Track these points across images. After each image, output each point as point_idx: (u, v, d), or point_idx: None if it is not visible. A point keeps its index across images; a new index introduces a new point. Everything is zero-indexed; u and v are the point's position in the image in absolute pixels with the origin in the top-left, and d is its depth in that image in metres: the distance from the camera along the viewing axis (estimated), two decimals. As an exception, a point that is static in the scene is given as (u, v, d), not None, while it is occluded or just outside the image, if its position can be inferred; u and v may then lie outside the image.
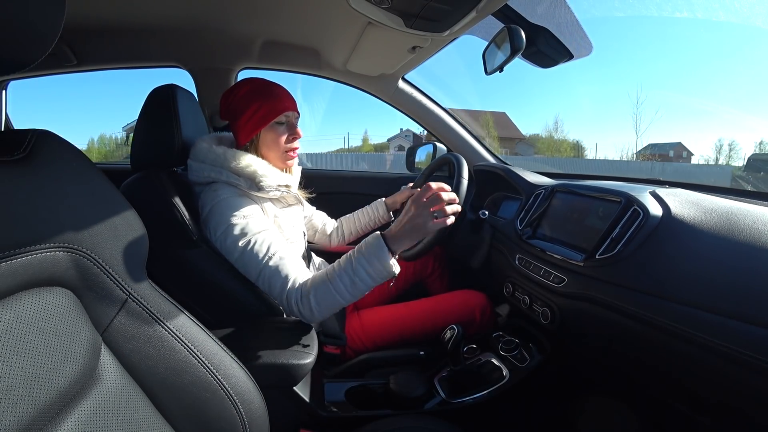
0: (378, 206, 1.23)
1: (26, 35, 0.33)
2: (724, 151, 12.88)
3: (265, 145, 0.88)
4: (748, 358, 0.47)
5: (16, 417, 0.30)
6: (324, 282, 0.73)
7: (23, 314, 0.33)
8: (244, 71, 1.42)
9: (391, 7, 0.85)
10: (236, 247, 0.77)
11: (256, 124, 0.85)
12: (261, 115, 0.84)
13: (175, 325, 0.47)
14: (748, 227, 0.56)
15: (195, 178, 0.84)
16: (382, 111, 30.11)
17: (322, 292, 0.73)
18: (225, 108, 0.88)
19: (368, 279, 0.72)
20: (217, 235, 0.78)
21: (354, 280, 0.72)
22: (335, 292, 0.72)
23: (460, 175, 1.01)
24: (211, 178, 0.82)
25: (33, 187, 0.36)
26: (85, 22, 1.11)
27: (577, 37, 0.98)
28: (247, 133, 0.86)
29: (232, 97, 0.86)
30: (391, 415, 0.71)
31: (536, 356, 0.91)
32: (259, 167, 0.82)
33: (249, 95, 0.85)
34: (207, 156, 0.82)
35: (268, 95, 0.85)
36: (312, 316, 0.74)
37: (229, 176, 0.81)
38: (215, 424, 0.48)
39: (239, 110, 0.85)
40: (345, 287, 0.72)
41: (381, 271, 0.72)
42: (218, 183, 0.82)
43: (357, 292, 0.73)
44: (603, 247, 0.70)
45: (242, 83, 0.87)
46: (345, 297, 0.73)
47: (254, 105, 0.84)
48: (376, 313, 1.07)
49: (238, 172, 0.81)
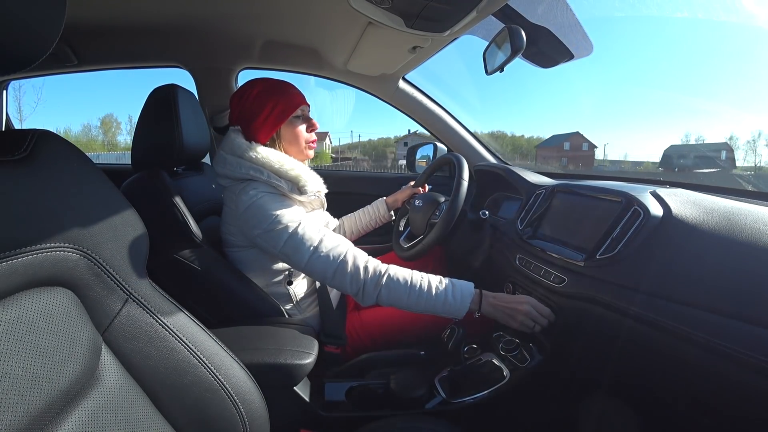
0: (379, 205, 1.23)
1: (27, 35, 0.33)
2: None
3: (287, 140, 0.89)
4: (748, 358, 0.47)
5: (16, 416, 0.30)
6: (404, 281, 0.79)
7: (24, 314, 0.33)
8: (245, 71, 1.42)
9: (392, 7, 0.85)
10: (285, 233, 0.78)
11: (276, 120, 0.86)
12: (279, 111, 0.86)
13: (175, 325, 0.47)
14: (749, 227, 0.56)
15: (230, 172, 0.83)
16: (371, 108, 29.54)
17: (396, 286, 0.78)
18: (238, 112, 0.88)
19: (440, 306, 0.78)
20: (262, 228, 0.79)
21: (430, 298, 0.78)
22: (408, 295, 0.78)
23: (460, 176, 1.01)
24: (250, 175, 0.82)
25: (33, 187, 0.36)
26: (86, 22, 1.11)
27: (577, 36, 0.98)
28: (268, 130, 0.86)
29: (244, 99, 0.86)
30: (392, 415, 0.71)
31: (536, 356, 0.91)
32: (303, 172, 0.85)
33: (263, 95, 0.86)
34: (246, 152, 0.82)
35: (281, 92, 0.87)
36: (372, 297, 0.79)
37: (270, 176, 0.82)
38: (216, 424, 0.48)
39: (255, 110, 0.85)
40: (419, 297, 0.78)
41: (458, 302, 0.78)
42: (256, 182, 0.82)
43: (422, 308, 0.79)
44: (603, 247, 0.70)
45: (251, 85, 0.87)
46: (411, 304, 0.79)
47: (270, 103, 0.85)
48: (376, 312, 1.07)
49: (280, 173, 0.82)
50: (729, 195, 0.75)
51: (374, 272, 0.79)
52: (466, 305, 0.79)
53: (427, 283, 0.79)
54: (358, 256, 0.80)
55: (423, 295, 0.78)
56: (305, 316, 0.95)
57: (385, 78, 1.39)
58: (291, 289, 0.92)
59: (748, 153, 40.34)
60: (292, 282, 0.92)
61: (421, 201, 1.15)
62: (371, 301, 0.80)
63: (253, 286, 0.85)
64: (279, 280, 0.90)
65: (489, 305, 0.82)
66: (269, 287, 0.89)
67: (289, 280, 0.91)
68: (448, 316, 0.80)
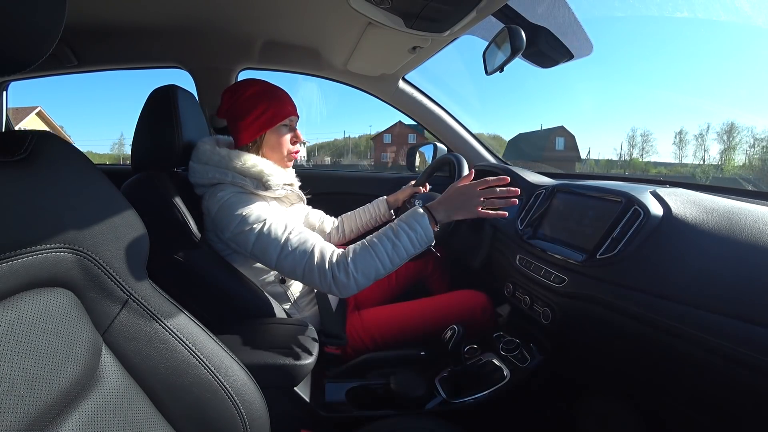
0: (379, 204, 1.23)
1: (27, 36, 0.33)
2: (637, 141, 12.07)
3: (269, 146, 0.89)
4: (748, 357, 0.47)
5: (17, 417, 0.30)
6: (364, 249, 0.76)
7: (24, 315, 0.33)
8: (245, 72, 1.42)
9: (392, 7, 0.85)
10: (252, 235, 0.78)
11: (263, 125, 0.86)
12: (268, 117, 0.86)
13: (175, 326, 0.47)
14: (749, 227, 0.56)
15: (198, 179, 0.84)
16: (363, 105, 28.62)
17: (362, 257, 0.75)
18: (227, 107, 0.88)
19: (409, 244, 0.77)
20: (230, 230, 0.79)
21: (396, 244, 0.76)
22: (376, 257, 0.75)
23: (460, 175, 1.01)
24: (216, 179, 0.82)
25: (33, 188, 0.36)
26: (86, 23, 1.11)
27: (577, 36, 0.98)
28: (252, 133, 0.86)
29: (236, 97, 0.86)
30: (392, 416, 0.71)
31: (537, 356, 0.91)
32: (265, 167, 0.84)
33: (256, 96, 0.86)
34: (210, 158, 0.83)
35: (275, 98, 0.87)
36: (348, 282, 0.75)
37: (234, 177, 0.82)
38: (216, 424, 0.48)
39: (245, 110, 0.85)
40: (386, 252, 0.76)
41: (422, 235, 0.77)
42: (223, 184, 0.82)
43: (396, 259, 0.77)
44: (604, 247, 0.70)
45: (247, 84, 0.87)
46: (385, 263, 0.76)
47: (262, 106, 0.85)
48: (376, 312, 1.07)
49: (243, 172, 0.82)
50: (729, 195, 0.75)
51: (339, 261, 0.76)
52: (428, 228, 0.77)
53: (387, 239, 0.77)
54: (325, 250, 0.77)
55: (391, 251, 0.76)
56: (304, 316, 0.95)
57: (385, 78, 1.40)
58: (286, 287, 0.92)
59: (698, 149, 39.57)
60: (285, 281, 0.92)
61: (421, 201, 1.15)
62: (352, 289, 0.76)
63: (253, 287, 0.85)
64: (272, 279, 0.91)
65: (442, 212, 0.80)
66: (265, 287, 0.89)
67: (281, 278, 0.91)
68: (423, 248, 0.79)
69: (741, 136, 16.09)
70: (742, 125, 10.92)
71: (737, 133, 13.18)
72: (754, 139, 18.08)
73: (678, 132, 12.42)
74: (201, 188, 0.85)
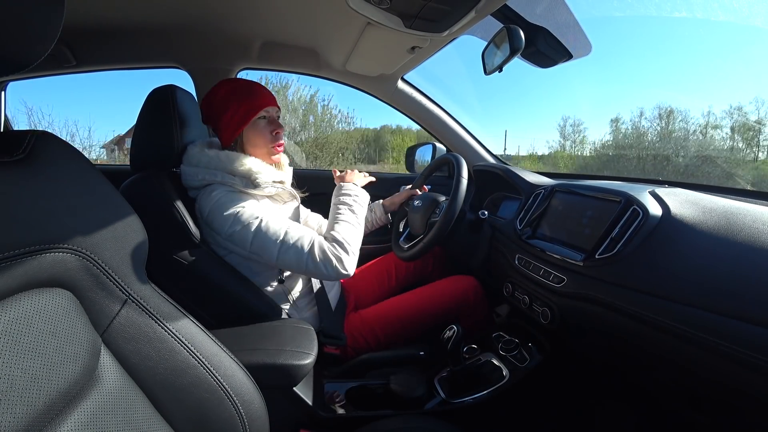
0: (376, 208, 1.23)
1: (25, 36, 0.33)
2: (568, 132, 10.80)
3: (250, 143, 0.89)
4: (748, 357, 0.47)
5: (15, 417, 0.30)
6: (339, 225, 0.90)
7: (23, 315, 0.33)
8: (244, 72, 1.42)
9: (390, 7, 0.85)
10: (249, 233, 0.80)
11: (238, 123, 0.86)
12: (241, 114, 0.86)
13: (174, 326, 0.47)
14: (748, 227, 0.56)
15: (189, 182, 0.84)
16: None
17: (344, 231, 0.88)
18: (207, 113, 0.89)
19: (353, 202, 0.96)
20: (225, 230, 0.80)
21: (350, 205, 0.95)
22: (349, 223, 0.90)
23: (459, 175, 1.01)
24: (206, 180, 0.83)
25: (32, 188, 0.36)
26: (85, 23, 1.11)
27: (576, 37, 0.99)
28: (230, 133, 0.87)
29: (211, 101, 0.88)
30: (392, 416, 0.71)
31: (536, 356, 0.91)
32: (253, 165, 0.85)
33: (227, 97, 0.86)
34: (200, 160, 0.83)
35: (245, 94, 0.87)
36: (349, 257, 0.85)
37: (224, 177, 0.82)
38: (215, 424, 0.48)
39: (219, 112, 0.86)
40: (354, 214, 0.94)
41: (354, 190, 0.99)
42: (214, 185, 0.83)
43: (360, 216, 0.95)
44: (603, 246, 0.70)
45: (219, 86, 0.88)
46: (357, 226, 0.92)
47: (233, 105, 0.85)
48: (376, 309, 1.08)
49: (232, 171, 0.83)
50: (728, 194, 0.75)
51: (335, 246, 0.84)
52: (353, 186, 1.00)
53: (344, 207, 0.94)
54: (320, 239, 0.84)
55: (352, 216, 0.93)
56: (303, 316, 0.95)
57: (383, 78, 1.39)
58: (285, 287, 0.92)
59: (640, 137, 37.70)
60: (283, 280, 0.92)
61: (420, 201, 1.15)
62: (353, 266, 0.86)
63: (252, 287, 0.85)
64: (271, 280, 0.91)
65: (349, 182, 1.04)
66: (264, 288, 0.89)
67: (279, 278, 0.91)
68: (367, 201, 1.01)
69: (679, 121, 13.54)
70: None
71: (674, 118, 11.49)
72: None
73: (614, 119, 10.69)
74: (193, 191, 0.86)
